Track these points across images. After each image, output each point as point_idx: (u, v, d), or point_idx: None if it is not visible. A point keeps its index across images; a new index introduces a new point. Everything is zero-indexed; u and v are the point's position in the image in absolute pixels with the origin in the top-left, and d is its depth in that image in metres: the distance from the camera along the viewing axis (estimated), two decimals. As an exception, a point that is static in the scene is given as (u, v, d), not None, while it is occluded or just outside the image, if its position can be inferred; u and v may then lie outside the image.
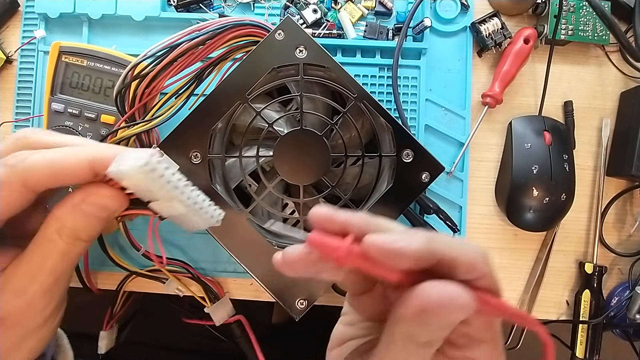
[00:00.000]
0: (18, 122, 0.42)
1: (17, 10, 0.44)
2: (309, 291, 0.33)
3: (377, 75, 0.42)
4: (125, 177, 0.22)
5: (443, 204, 0.41)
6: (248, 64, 0.33)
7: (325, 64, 0.34)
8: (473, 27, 0.43)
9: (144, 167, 0.21)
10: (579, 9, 0.43)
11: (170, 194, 0.23)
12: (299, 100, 0.34)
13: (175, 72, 0.34)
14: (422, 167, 0.34)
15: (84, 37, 0.42)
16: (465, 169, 0.43)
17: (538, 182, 0.40)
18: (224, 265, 0.42)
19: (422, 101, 0.42)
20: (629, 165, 0.41)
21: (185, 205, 0.24)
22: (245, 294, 0.43)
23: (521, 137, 0.42)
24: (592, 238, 0.44)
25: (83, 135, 0.39)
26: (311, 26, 0.42)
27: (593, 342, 0.43)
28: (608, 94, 0.45)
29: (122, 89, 0.34)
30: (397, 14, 0.43)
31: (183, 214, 0.24)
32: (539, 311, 0.44)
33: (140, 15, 0.41)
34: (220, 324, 0.41)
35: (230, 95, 0.33)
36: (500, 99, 0.42)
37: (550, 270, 0.44)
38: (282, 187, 0.37)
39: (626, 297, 0.42)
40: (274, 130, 0.34)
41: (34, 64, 0.42)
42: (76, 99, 0.39)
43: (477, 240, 0.43)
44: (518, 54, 0.42)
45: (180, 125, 0.34)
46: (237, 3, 0.43)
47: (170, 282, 0.40)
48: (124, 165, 0.22)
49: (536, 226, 0.42)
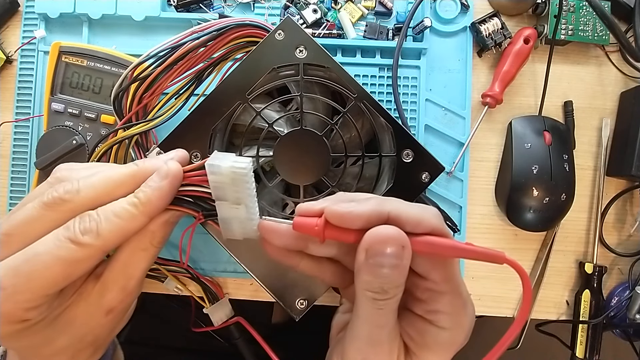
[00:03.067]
0: (18, 122, 0.42)
1: (17, 10, 0.44)
2: (309, 291, 0.33)
3: (377, 75, 0.42)
4: (217, 173, 0.24)
5: (443, 204, 0.41)
6: (248, 64, 0.33)
7: (325, 64, 0.34)
8: (473, 27, 0.43)
9: (241, 170, 0.24)
10: (579, 9, 0.43)
11: (243, 199, 0.25)
12: (299, 100, 0.34)
13: (176, 75, 0.34)
14: (422, 167, 0.34)
15: (84, 37, 0.42)
16: (465, 169, 0.43)
17: (538, 182, 0.40)
18: (223, 265, 0.42)
19: (422, 101, 0.42)
20: (629, 165, 0.41)
21: (246, 212, 0.26)
22: (245, 294, 0.43)
23: (521, 137, 0.42)
24: (592, 238, 0.44)
25: (83, 135, 0.39)
26: (311, 26, 0.42)
27: (593, 342, 0.43)
28: (608, 94, 0.45)
29: (120, 92, 0.34)
30: (397, 14, 0.43)
31: (235, 218, 0.26)
32: (539, 311, 0.44)
33: (140, 15, 0.41)
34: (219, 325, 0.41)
35: (230, 95, 0.33)
36: (500, 99, 0.42)
37: (550, 270, 0.44)
38: (282, 187, 0.37)
39: (626, 297, 0.42)
40: (274, 130, 0.34)
41: (34, 64, 0.42)
42: (76, 99, 0.39)
43: (477, 241, 0.43)
44: (518, 54, 0.42)
45: (180, 125, 0.34)
46: (237, 3, 0.43)
47: (169, 281, 0.40)
48: (224, 163, 0.24)
49: (536, 226, 0.42)
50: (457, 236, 0.41)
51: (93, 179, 0.25)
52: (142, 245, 0.26)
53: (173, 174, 0.26)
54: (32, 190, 0.27)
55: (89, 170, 0.26)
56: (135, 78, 0.33)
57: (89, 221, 0.24)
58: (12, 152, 0.42)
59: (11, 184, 0.42)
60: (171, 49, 0.33)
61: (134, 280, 0.26)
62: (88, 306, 0.26)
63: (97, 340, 0.27)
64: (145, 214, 0.25)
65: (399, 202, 0.24)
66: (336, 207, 0.23)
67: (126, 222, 0.24)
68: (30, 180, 0.41)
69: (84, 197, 0.24)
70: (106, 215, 0.24)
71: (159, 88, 0.34)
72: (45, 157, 0.38)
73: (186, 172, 0.26)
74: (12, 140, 0.42)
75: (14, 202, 0.42)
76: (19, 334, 0.24)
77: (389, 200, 0.24)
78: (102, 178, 0.25)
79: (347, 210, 0.23)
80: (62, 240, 0.23)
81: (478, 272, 0.43)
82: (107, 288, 0.26)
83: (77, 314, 0.25)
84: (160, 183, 0.25)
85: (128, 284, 0.26)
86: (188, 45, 0.33)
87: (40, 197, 0.24)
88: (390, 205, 0.23)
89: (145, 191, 0.25)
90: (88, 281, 0.26)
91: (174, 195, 0.26)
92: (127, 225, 0.24)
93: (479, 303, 0.43)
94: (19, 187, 0.42)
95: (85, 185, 0.25)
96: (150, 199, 0.25)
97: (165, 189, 0.25)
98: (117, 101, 0.34)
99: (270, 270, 0.33)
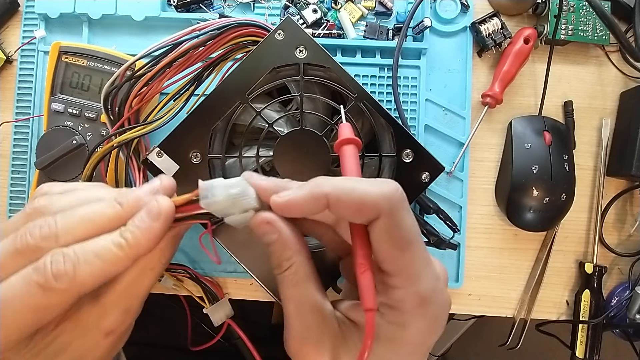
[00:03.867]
0: (18, 122, 0.42)
1: (17, 10, 0.44)
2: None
3: (377, 75, 0.42)
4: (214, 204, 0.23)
5: (443, 204, 0.41)
6: (248, 64, 0.33)
7: (325, 64, 0.34)
8: (473, 27, 0.43)
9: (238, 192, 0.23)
10: (579, 9, 0.43)
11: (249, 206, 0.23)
12: (299, 100, 0.34)
13: (173, 74, 0.34)
14: (422, 167, 0.34)
15: (84, 37, 0.42)
16: (465, 169, 0.43)
17: (538, 182, 0.40)
18: (224, 265, 0.42)
19: (422, 101, 0.42)
20: (629, 165, 0.41)
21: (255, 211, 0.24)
22: (245, 294, 0.43)
23: (521, 137, 0.42)
24: (592, 238, 0.44)
25: (83, 135, 0.39)
26: (311, 26, 0.42)
27: (593, 342, 0.43)
28: (608, 94, 0.45)
29: (111, 90, 0.33)
30: (397, 14, 0.43)
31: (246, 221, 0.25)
32: (539, 311, 0.44)
33: (140, 15, 0.41)
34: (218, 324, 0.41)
35: (230, 95, 0.33)
36: (500, 99, 0.42)
37: (550, 270, 0.44)
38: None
39: (626, 297, 0.42)
40: (274, 130, 0.34)
41: (34, 64, 0.42)
42: (76, 99, 0.39)
43: (477, 240, 0.43)
44: (518, 54, 0.42)
45: (180, 125, 0.34)
46: (237, 3, 0.43)
47: (166, 279, 0.40)
48: (219, 193, 0.23)
49: (536, 226, 0.42)
50: (457, 236, 0.41)
51: (73, 220, 0.22)
52: (151, 265, 0.23)
53: (165, 214, 0.22)
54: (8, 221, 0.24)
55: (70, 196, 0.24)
56: (131, 77, 0.33)
57: (64, 262, 0.21)
58: (12, 152, 0.42)
59: (11, 184, 0.42)
60: (169, 48, 0.33)
61: (138, 300, 0.24)
62: (84, 330, 0.23)
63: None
64: (132, 257, 0.22)
65: (341, 182, 0.22)
66: (276, 197, 0.22)
67: (108, 264, 0.21)
68: (30, 180, 0.41)
69: (62, 245, 0.21)
70: (85, 256, 0.21)
71: (155, 88, 0.34)
72: (45, 157, 0.38)
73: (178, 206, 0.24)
74: (12, 140, 0.42)
75: (14, 202, 0.42)
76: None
77: (328, 181, 0.22)
78: (84, 221, 0.22)
79: (285, 201, 0.22)
80: (32, 284, 0.20)
81: (478, 272, 0.43)
82: (107, 311, 0.23)
83: (72, 340, 0.23)
84: (152, 224, 0.22)
85: (132, 305, 0.24)
86: (187, 44, 0.33)
87: (14, 239, 0.21)
88: (330, 185, 0.21)
89: (133, 232, 0.22)
90: (82, 304, 0.23)
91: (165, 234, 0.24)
92: (109, 269, 0.22)
93: (479, 303, 0.43)
94: (19, 187, 0.42)
95: (64, 228, 0.22)
96: (139, 241, 0.22)
97: (156, 231, 0.22)
98: (107, 100, 0.33)
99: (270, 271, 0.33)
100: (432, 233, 0.39)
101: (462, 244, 0.42)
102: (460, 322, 0.76)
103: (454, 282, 0.42)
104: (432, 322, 0.23)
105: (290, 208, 0.22)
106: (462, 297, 0.43)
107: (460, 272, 0.42)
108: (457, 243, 0.40)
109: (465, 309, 0.44)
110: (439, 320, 0.23)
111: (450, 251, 0.41)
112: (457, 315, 0.75)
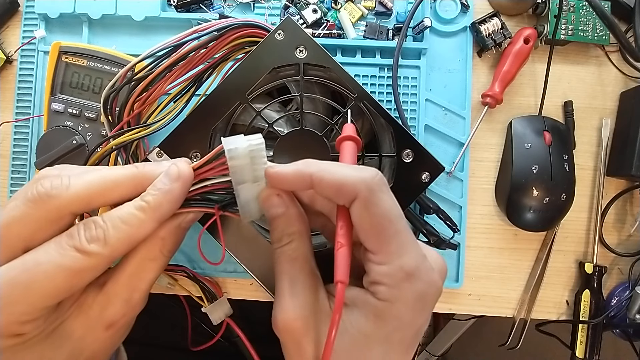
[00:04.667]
0: (18, 122, 0.42)
1: (17, 10, 0.44)
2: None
3: (377, 75, 0.42)
4: (236, 157, 0.24)
5: (443, 204, 0.41)
6: (248, 64, 0.33)
7: (325, 64, 0.34)
8: (473, 27, 0.43)
9: (259, 145, 0.24)
10: (579, 9, 0.43)
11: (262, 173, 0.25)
12: (299, 100, 0.34)
13: (174, 78, 0.34)
14: (422, 167, 0.34)
15: (84, 37, 0.42)
16: (465, 169, 0.43)
17: (538, 182, 0.40)
18: (223, 265, 0.42)
19: (422, 101, 0.42)
20: (629, 165, 0.41)
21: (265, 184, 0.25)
22: (244, 294, 0.43)
23: (521, 137, 0.42)
24: (592, 238, 0.44)
25: (83, 135, 0.39)
26: (311, 26, 0.42)
27: (593, 342, 0.43)
28: (608, 94, 0.45)
29: (111, 92, 0.33)
30: (397, 14, 0.43)
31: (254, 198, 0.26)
32: (539, 311, 0.44)
33: (140, 15, 0.41)
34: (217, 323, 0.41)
35: (230, 95, 0.33)
36: (500, 99, 0.42)
37: (550, 270, 0.44)
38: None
39: (626, 297, 0.42)
40: (274, 130, 0.34)
41: (34, 64, 0.42)
42: (76, 99, 0.39)
43: (477, 240, 0.43)
44: (518, 54, 0.42)
45: (180, 125, 0.34)
46: (237, 3, 0.43)
47: (161, 278, 0.40)
48: (241, 145, 0.24)
49: (536, 226, 0.42)
50: (457, 236, 0.41)
51: (86, 176, 0.23)
52: (152, 255, 0.24)
53: (185, 175, 0.24)
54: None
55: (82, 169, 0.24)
56: (130, 79, 0.33)
57: (95, 228, 0.22)
58: (12, 152, 0.42)
59: (11, 184, 0.42)
60: (171, 49, 0.33)
61: (139, 293, 0.25)
62: (87, 319, 0.24)
63: (95, 356, 0.25)
64: (155, 219, 0.23)
65: (326, 165, 0.23)
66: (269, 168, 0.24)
67: (134, 228, 0.23)
68: (30, 180, 0.41)
69: (73, 194, 0.22)
70: (113, 222, 0.22)
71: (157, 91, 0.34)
72: (45, 157, 0.38)
73: (196, 169, 0.25)
74: (12, 140, 0.42)
75: (14, 202, 0.42)
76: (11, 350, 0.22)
77: (315, 163, 0.24)
78: (96, 176, 0.23)
79: (275, 171, 0.24)
80: (67, 248, 0.21)
81: (478, 272, 0.43)
82: (110, 300, 0.24)
83: (75, 328, 0.24)
84: (172, 185, 0.23)
85: (133, 296, 0.24)
86: (188, 45, 0.33)
87: (24, 194, 0.22)
88: (316, 167, 0.23)
89: (154, 194, 0.23)
90: (88, 292, 0.24)
91: (185, 198, 0.24)
92: (135, 232, 0.23)
93: (479, 303, 0.43)
94: (19, 187, 0.42)
95: (77, 182, 0.22)
96: (161, 203, 0.23)
97: (176, 192, 0.23)
98: (107, 103, 0.33)
99: (270, 271, 0.33)
100: (432, 233, 0.39)
101: (462, 244, 0.42)
102: (460, 322, 0.76)
103: (454, 282, 0.42)
104: (418, 299, 0.23)
105: (279, 180, 0.24)
106: (462, 297, 0.43)
107: (460, 272, 0.42)
108: (457, 243, 0.40)
109: (465, 309, 0.44)
110: (427, 298, 0.23)
111: (450, 251, 0.41)
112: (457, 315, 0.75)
